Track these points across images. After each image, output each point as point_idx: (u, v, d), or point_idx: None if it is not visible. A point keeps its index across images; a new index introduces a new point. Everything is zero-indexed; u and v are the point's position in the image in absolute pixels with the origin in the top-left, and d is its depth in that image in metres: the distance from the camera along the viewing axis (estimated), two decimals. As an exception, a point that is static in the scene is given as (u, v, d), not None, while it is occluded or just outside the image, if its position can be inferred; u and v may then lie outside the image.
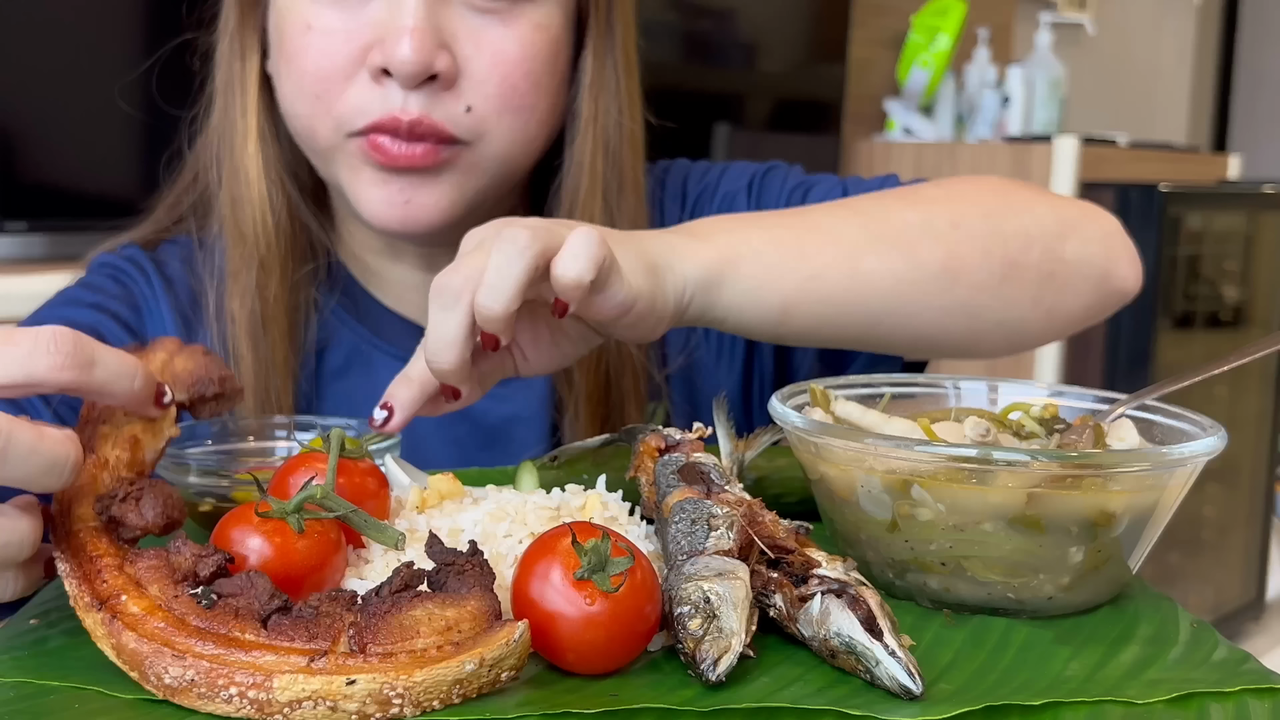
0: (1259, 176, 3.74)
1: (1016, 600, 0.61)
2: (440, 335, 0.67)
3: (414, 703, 0.47)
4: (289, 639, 0.48)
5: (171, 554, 0.53)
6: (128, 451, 0.60)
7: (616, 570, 0.51)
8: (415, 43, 0.81)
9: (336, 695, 0.46)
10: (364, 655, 0.48)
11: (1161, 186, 2.66)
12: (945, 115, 3.08)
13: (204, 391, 0.63)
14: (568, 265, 0.67)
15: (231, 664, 0.47)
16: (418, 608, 0.50)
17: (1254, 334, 3.06)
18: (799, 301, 0.78)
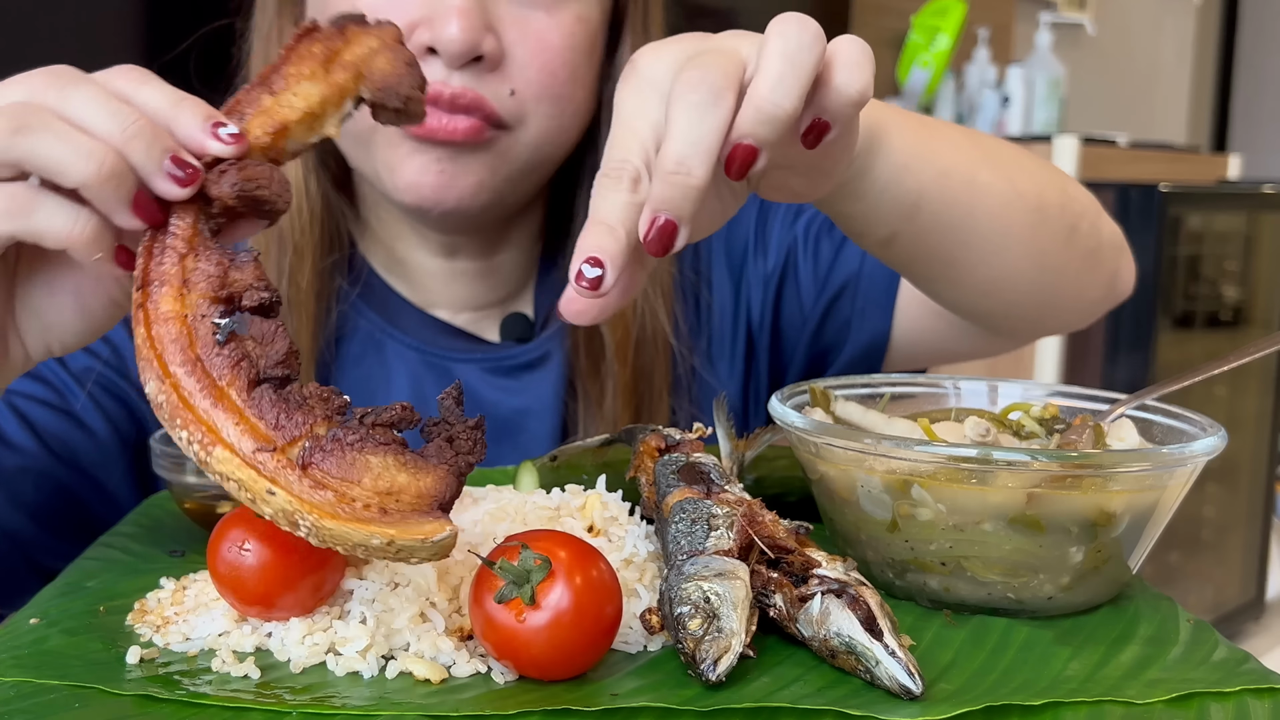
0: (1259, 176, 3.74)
1: (1016, 600, 0.61)
2: (694, 139, 0.53)
3: (319, 539, 0.48)
4: (258, 414, 0.50)
5: (233, 266, 0.53)
6: (269, 136, 0.56)
7: (539, 580, 0.51)
8: (464, 22, 0.81)
9: (256, 494, 0.48)
10: (303, 471, 0.49)
11: (1161, 186, 2.65)
12: (945, 115, 3.08)
13: (387, 101, 0.59)
14: (852, 76, 0.56)
15: (193, 410, 0.49)
16: (378, 454, 0.49)
17: (1254, 334, 3.06)
18: (931, 197, 0.74)
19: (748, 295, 1.03)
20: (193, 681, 0.52)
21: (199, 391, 0.50)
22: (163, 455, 0.74)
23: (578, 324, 0.57)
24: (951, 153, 0.76)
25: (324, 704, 0.50)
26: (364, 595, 0.56)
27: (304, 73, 0.57)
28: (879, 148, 0.70)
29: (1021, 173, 0.81)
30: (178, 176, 0.54)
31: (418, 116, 0.60)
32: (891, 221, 0.75)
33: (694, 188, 0.53)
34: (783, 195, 0.66)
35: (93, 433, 0.86)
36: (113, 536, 0.72)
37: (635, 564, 0.61)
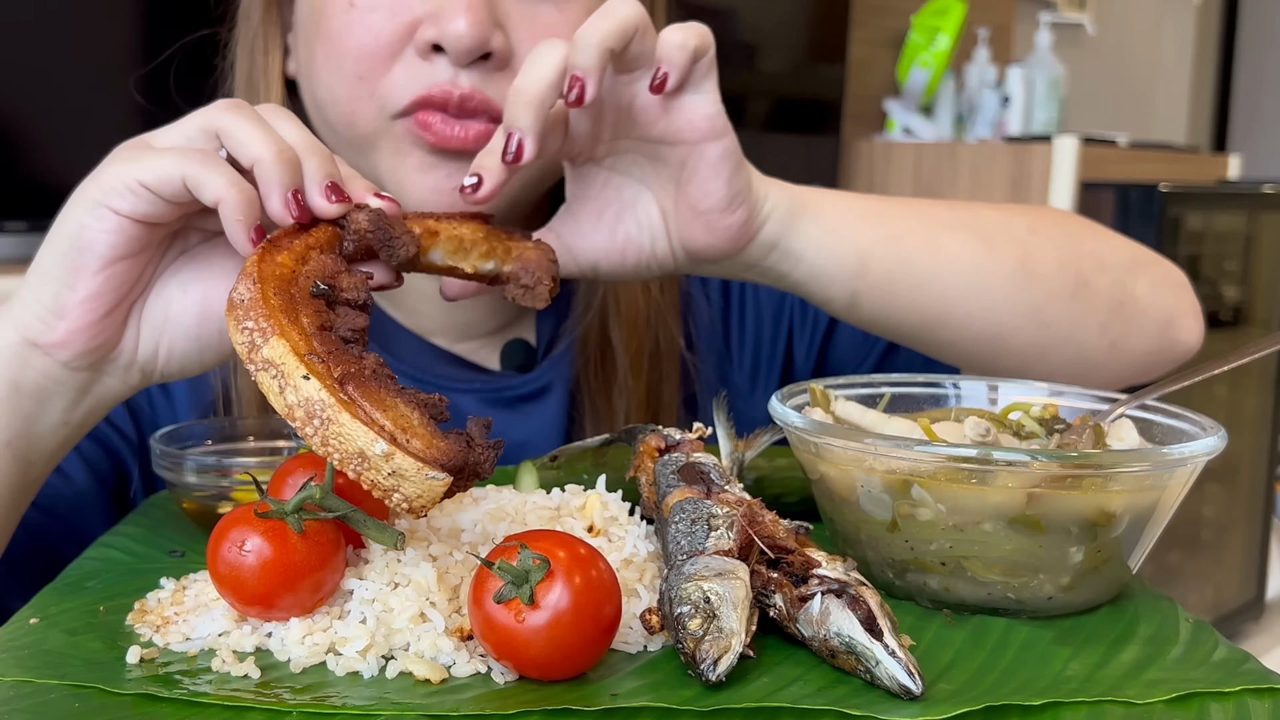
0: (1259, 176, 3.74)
1: (1016, 600, 0.61)
2: (530, 71, 0.66)
3: (323, 440, 0.52)
4: (320, 342, 0.55)
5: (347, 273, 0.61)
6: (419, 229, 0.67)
7: (538, 580, 0.51)
8: (472, 17, 0.78)
9: (289, 377, 0.53)
10: (338, 385, 0.53)
11: (1161, 186, 2.65)
12: (945, 115, 3.08)
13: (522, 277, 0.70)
14: (675, 30, 0.68)
15: (268, 308, 0.55)
16: (408, 406, 0.54)
17: (1254, 334, 3.06)
18: (879, 255, 0.77)
19: (790, 327, 1.01)
20: (193, 681, 0.52)
21: (279, 306, 0.56)
22: (163, 455, 0.74)
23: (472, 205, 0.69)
24: (908, 221, 0.80)
25: (324, 704, 0.50)
26: (364, 595, 0.56)
27: (470, 223, 0.70)
28: (804, 210, 0.77)
29: (1006, 236, 0.82)
30: (330, 196, 0.63)
31: (541, 301, 0.70)
32: (842, 281, 0.78)
33: (526, 102, 0.66)
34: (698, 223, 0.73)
35: (70, 479, 0.83)
36: (113, 536, 0.72)
37: (635, 564, 0.61)
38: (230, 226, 0.62)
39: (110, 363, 0.67)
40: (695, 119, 0.70)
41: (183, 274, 0.67)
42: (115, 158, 0.64)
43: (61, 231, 0.64)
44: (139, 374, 0.68)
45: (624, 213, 0.75)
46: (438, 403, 0.55)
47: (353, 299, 0.60)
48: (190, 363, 0.68)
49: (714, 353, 1.00)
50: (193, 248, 0.68)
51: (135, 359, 0.67)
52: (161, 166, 0.62)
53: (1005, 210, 0.86)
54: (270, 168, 0.62)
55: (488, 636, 0.52)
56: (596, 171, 0.75)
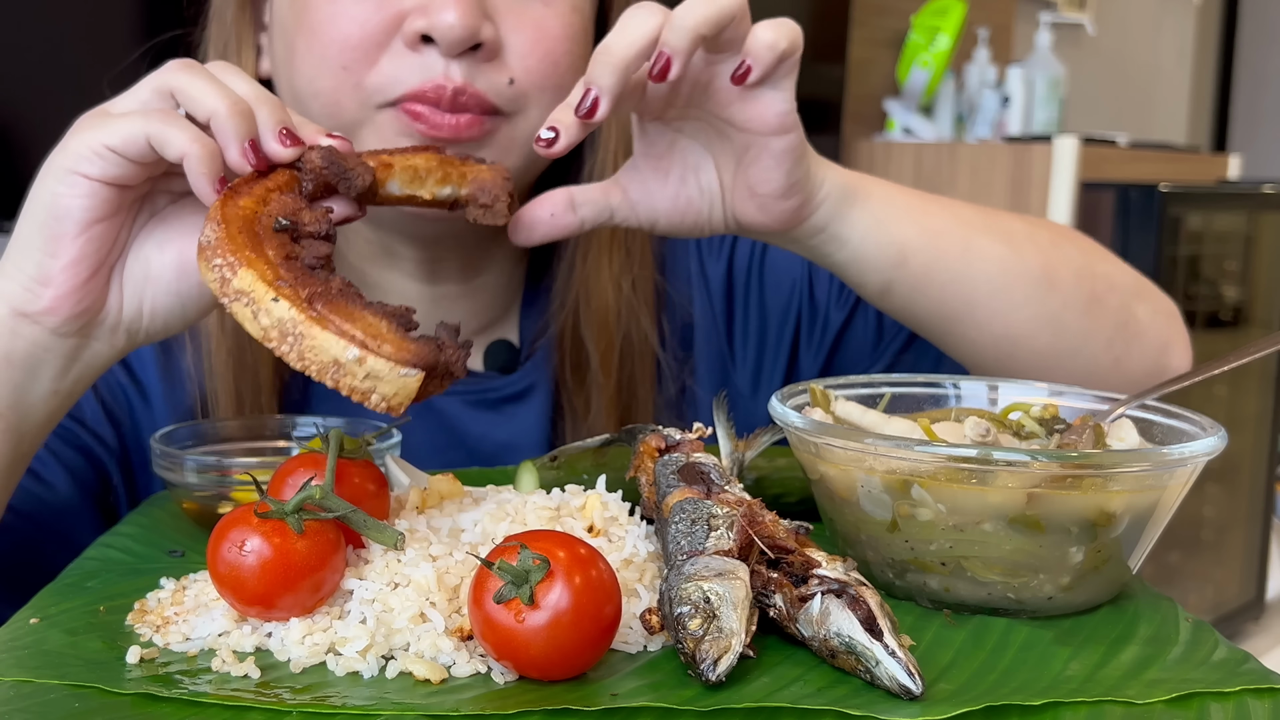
0: (1259, 176, 3.74)
1: (1016, 600, 0.61)
2: (621, 36, 0.68)
3: (299, 354, 0.55)
4: (286, 270, 0.58)
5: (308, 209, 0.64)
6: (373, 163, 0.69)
7: (538, 580, 0.51)
8: (462, 8, 0.78)
9: (260, 302, 0.56)
10: (308, 304, 0.56)
11: (1161, 186, 2.65)
12: (945, 115, 3.08)
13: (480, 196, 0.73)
14: (768, 28, 0.70)
15: (233, 244, 0.58)
16: (376, 316, 0.57)
17: (1254, 334, 3.06)
18: (917, 249, 0.80)
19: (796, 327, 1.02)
20: (193, 681, 0.52)
21: (244, 241, 0.59)
22: (163, 455, 0.74)
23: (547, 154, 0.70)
24: (945, 218, 0.83)
25: (324, 704, 0.50)
26: (364, 595, 0.56)
27: (421, 153, 0.72)
28: (855, 199, 0.79)
29: (1030, 244, 0.85)
30: (284, 141, 0.66)
31: (500, 217, 0.73)
32: (881, 269, 0.81)
33: (611, 65, 0.67)
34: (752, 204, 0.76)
35: (51, 486, 0.83)
36: (113, 536, 0.72)
37: (635, 564, 0.61)
38: (194, 179, 0.64)
39: (97, 326, 0.69)
40: (767, 114, 0.72)
41: (157, 234, 0.70)
42: (79, 127, 0.66)
43: (36, 203, 0.66)
44: (125, 335, 0.70)
45: (687, 175, 0.77)
46: (406, 313, 0.58)
47: (315, 231, 0.63)
48: (174, 318, 0.70)
49: (715, 353, 1.00)
50: (161, 209, 0.70)
51: (121, 320, 0.69)
52: (126, 128, 0.64)
53: (1028, 221, 0.89)
54: (226, 120, 0.65)
55: (488, 636, 0.52)
56: (664, 131, 0.76)
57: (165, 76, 0.67)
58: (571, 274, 0.94)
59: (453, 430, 0.92)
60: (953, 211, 0.84)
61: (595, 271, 0.94)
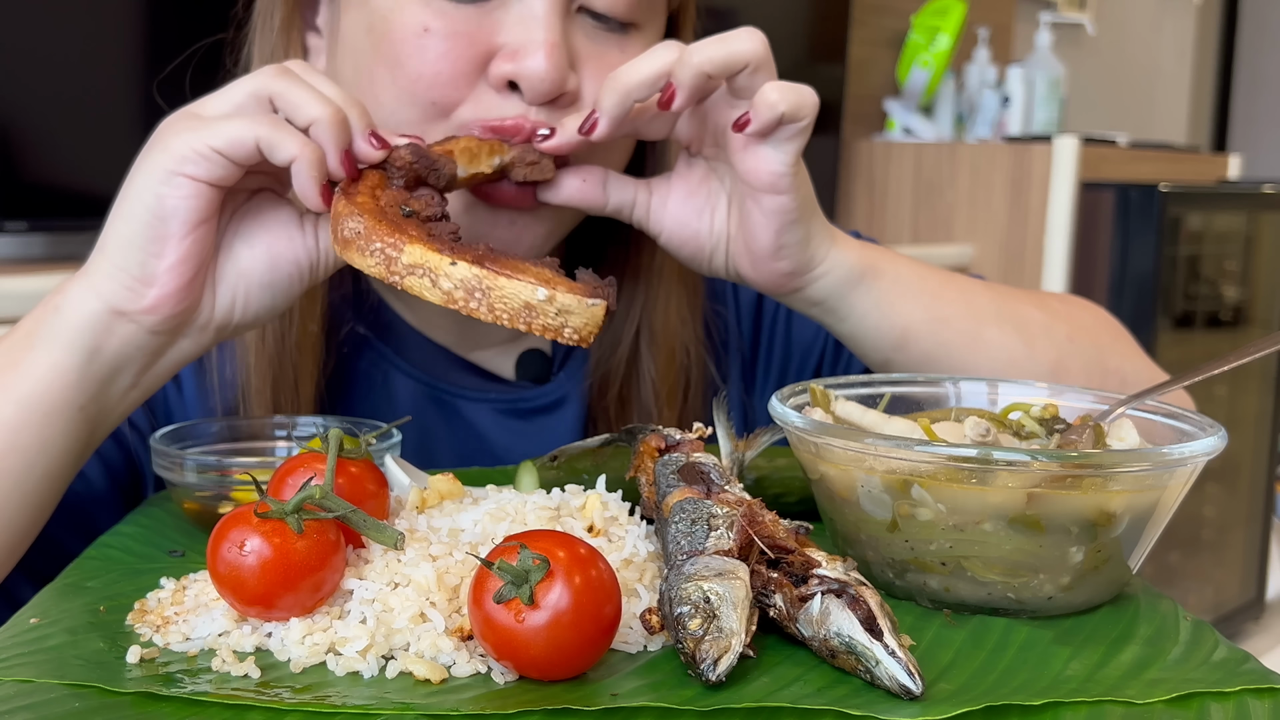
0: (1259, 176, 3.74)
1: (1016, 600, 0.61)
2: (638, 65, 0.72)
3: (489, 307, 0.60)
4: (438, 242, 0.63)
5: (413, 197, 0.70)
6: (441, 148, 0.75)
7: (537, 580, 0.51)
8: (554, 59, 0.77)
9: (438, 269, 0.61)
10: (478, 263, 0.61)
11: (1161, 186, 2.65)
12: (945, 115, 3.08)
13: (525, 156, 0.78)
14: (777, 90, 0.72)
15: (387, 227, 0.63)
16: (539, 266, 0.62)
17: (1254, 334, 3.06)
18: (921, 335, 0.82)
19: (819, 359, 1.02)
20: (193, 681, 0.52)
21: (391, 225, 0.64)
22: (163, 455, 0.74)
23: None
24: (958, 307, 0.84)
25: (324, 704, 0.50)
26: (364, 595, 0.56)
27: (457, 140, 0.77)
28: (862, 281, 0.81)
29: (1045, 339, 0.86)
30: (373, 143, 0.70)
31: (548, 171, 0.78)
32: (880, 349, 0.83)
33: (614, 90, 0.72)
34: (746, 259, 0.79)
35: (84, 477, 0.83)
36: (113, 536, 0.72)
37: (635, 564, 0.61)
38: (303, 183, 0.68)
39: (190, 325, 0.71)
40: (761, 169, 0.74)
41: (243, 231, 0.72)
42: (174, 128, 0.68)
43: (137, 203, 0.68)
44: (214, 332, 0.73)
45: (705, 210, 0.80)
46: (554, 261, 0.63)
47: (433, 214, 0.69)
48: (264, 311, 0.73)
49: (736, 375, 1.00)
50: (241, 206, 0.73)
51: (213, 317, 0.72)
52: (233, 131, 0.67)
53: (1049, 310, 0.89)
54: (327, 128, 0.68)
55: (488, 636, 0.52)
56: (700, 163, 0.80)
57: (264, 80, 0.69)
58: (634, 303, 0.93)
59: (481, 439, 0.92)
60: (969, 298, 0.85)
61: (665, 304, 0.93)
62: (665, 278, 0.93)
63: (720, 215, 0.80)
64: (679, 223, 0.80)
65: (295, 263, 0.73)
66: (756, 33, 0.73)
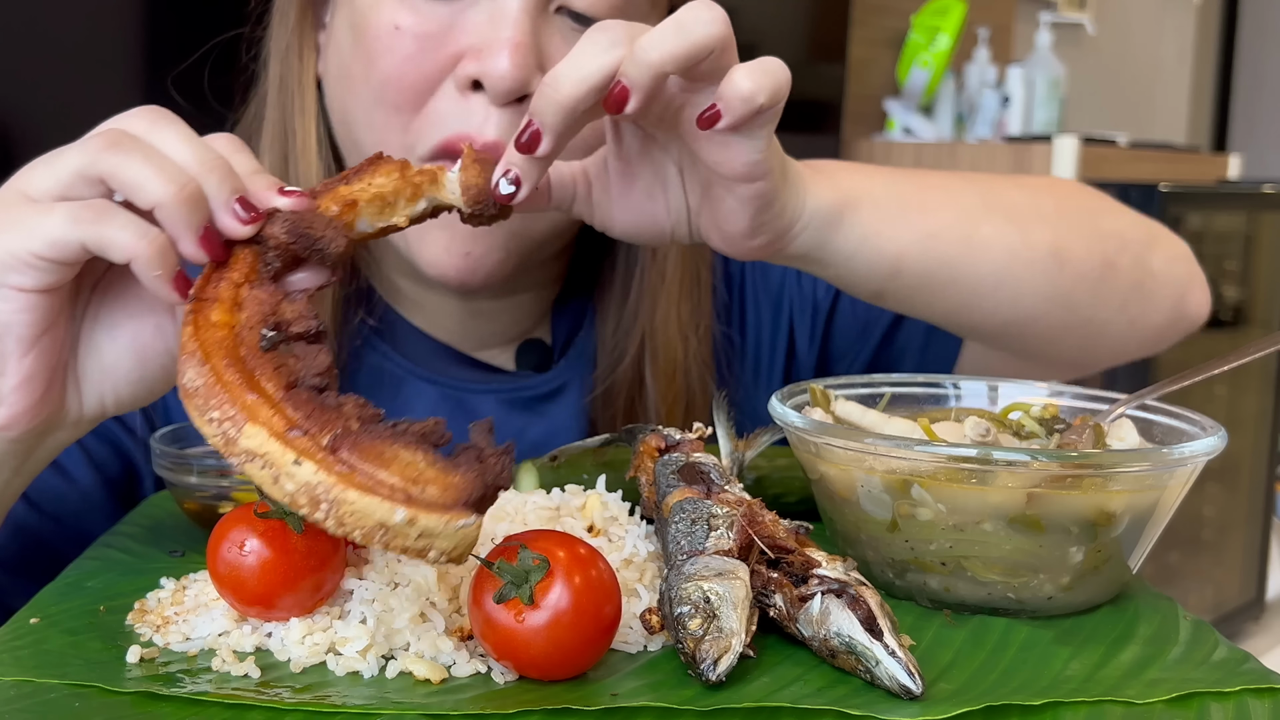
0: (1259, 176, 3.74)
1: (1016, 600, 0.61)
2: (576, 65, 0.60)
3: (337, 519, 0.47)
4: (293, 407, 0.50)
5: (286, 300, 0.56)
6: (338, 208, 0.60)
7: (537, 580, 0.51)
8: (517, 58, 0.75)
9: (279, 465, 0.48)
10: (332, 454, 0.49)
11: (1161, 186, 2.65)
12: (945, 115, 3.08)
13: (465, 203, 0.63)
14: (748, 76, 0.61)
15: (229, 392, 0.51)
16: (409, 449, 0.49)
17: (1254, 334, 3.06)
18: (914, 257, 0.75)
19: (790, 318, 1.00)
20: (193, 681, 0.52)
21: (237, 381, 0.51)
22: (163, 455, 0.74)
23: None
24: (946, 213, 0.77)
25: (324, 704, 0.50)
26: (364, 595, 0.56)
27: (379, 172, 0.62)
28: (841, 222, 0.72)
29: (1038, 220, 0.81)
30: (241, 216, 0.57)
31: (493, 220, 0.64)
32: (872, 282, 0.76)
33: (557, 101, 0.60)
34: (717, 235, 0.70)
35: (74, 481, 0.82)
36: (113, 536, 0.72)
37: (635, 564, 0.61)
38: (149, 282, 0.57)
39: (59, 426, 0.64)
40: (734, 161, 0.64)
41: (103, 318, 0.63)
42: None
43: None
44: (89, 423, 0.65)
45: (655, 189, 0.70)
46: (435, 428, 0.51)
47: (304, 331, 0.55)
48: (140, 400, 0.65)
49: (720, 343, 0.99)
50: (102, 277, 0.63)
51: (83, 414, 0.64)
52: (54, 233, 0.57)
53: (1029, 189, 0.85)
54: (174, 210, 0.56)
55: (488, 636, 0.52)
56: (636, 133, 0.68)
57: (91, 157, 0.57)
58: (637, 316, 0.92)
59: None
60: (955, 202, 0.79)
61: (666, 321, 0.91)
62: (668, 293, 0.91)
63: (674, 193, 0.70)
64: (628, 212, 0.70)
65: (168, 353, 0.63)
66: (715, 8, 0.61)
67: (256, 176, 0.60)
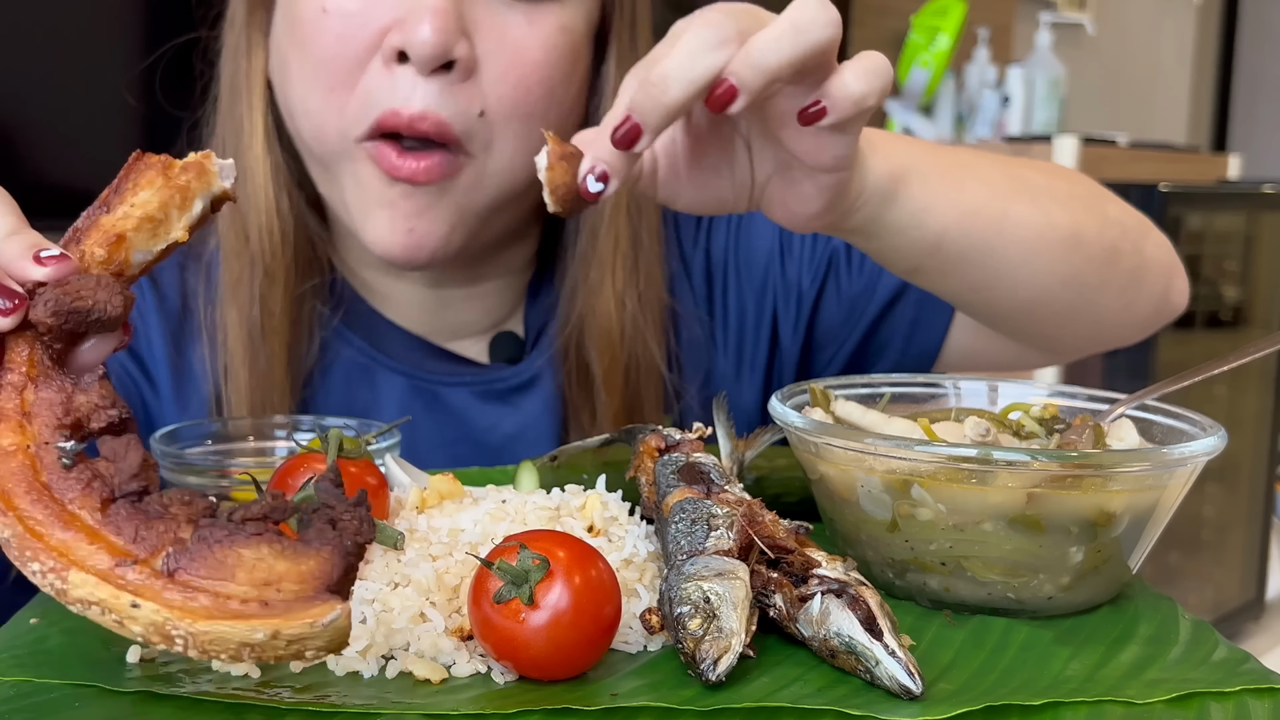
0: (1259, 176, 3.74)
1: (1016, 600, 0.61)
2: (685, 65, 0.58)
3: (198, 648, 0.44)
4: (115, 531, 0.46)
5: (78, 390, 0.50)
6: (105, 249, 0.52)
7: (537, 580, 0.51)
8: (437, 23, 0.77)
9: (121, 611, 0.44)
10: (170, 579, 0.45)
11: (1161, 186, 2.65)
12: (945, 115, 3.08)
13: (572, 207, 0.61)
14: (860, 79, 0.61)
15: (42, 539, 0.45)
16: (251, 547, 0.45)
17: (1254, 334, 3.06)
18: (954, 236, 0.76)
19: (774, 306, 1.00)
20: (193, 681, 0.52)
21: (48, 519, 0.46)
22: (163, 455, 0.74)
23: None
24: (981, 191, 0.78)
25: (324, 704, 0.50)
26: (364, 595, 0.56)
27: (140, 184, 0.54)
28: (895, 197, 0.72)
29: (1056, 202, 0.82)
30: (1, 308, 0.49)
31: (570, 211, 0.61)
32: (913, 258, 0.77)
33: (664, 103, 0.58)
34: (781, 211, 0.70)
35: None
36: (113, 536, 0.72)
37: (635, 564, 0.61)
38: None
39: None
40: (824, 154, 0.64)
41: None
42: None
43: None
44: None
45: (721, 165, 0.69)
46: (275, 504, 0.46)
47: (104, 423, 0.49)
48: None
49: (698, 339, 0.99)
50: None
51: None
52: None
53: (1041, 171, 0.85)
54: None
55: (488, 636, 0.52)
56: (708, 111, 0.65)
57: None
58: (576, 289, 0.93)
59: (461, 422, 0.93)
60: (987, 180, 0.79)
61: (599, 287, 0.92)
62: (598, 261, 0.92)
63: (742, 165, 0.69)
64: (694, 188, 0.70)
65: None
66: (829, 8, 0.59)
67: (6, 244, 0.52)
